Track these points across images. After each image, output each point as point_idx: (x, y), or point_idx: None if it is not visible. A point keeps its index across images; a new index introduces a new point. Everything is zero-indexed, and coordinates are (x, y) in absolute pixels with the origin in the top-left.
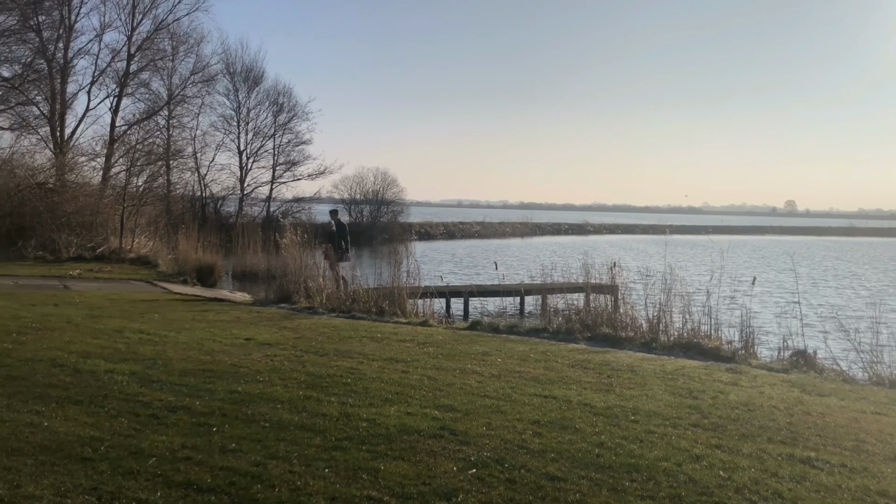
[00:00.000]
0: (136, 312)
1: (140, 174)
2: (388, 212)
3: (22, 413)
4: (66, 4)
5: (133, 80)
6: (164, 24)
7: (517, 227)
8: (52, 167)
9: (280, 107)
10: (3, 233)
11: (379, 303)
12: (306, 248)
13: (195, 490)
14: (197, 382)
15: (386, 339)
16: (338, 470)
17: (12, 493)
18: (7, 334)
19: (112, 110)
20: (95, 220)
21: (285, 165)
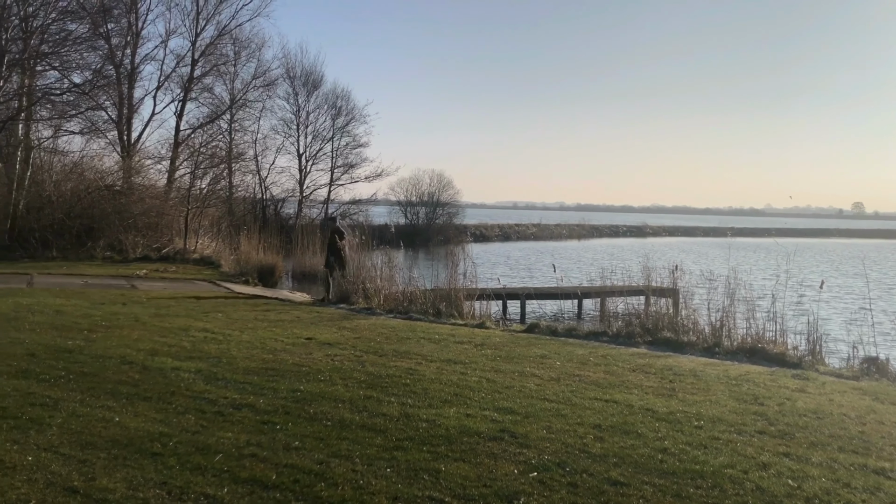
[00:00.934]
0: (201, 311)
1: (203, 177)
2: (444, 213)
3: (94, 408)
4: (134, 12)
5: (197, 84)
6: (226, 30)
7: (574, 229)
8: (120, 170)
9: (338, 110)
10: (73, 234)
11: (436, 304)
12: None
13: (260, 486)
14: (260, 381)
15: (443, 340)
16: (399, 470)
17: (88, 485)
18: (79, 332)
19: (177, 114)
20: (161, 222)
21: (343, 168)
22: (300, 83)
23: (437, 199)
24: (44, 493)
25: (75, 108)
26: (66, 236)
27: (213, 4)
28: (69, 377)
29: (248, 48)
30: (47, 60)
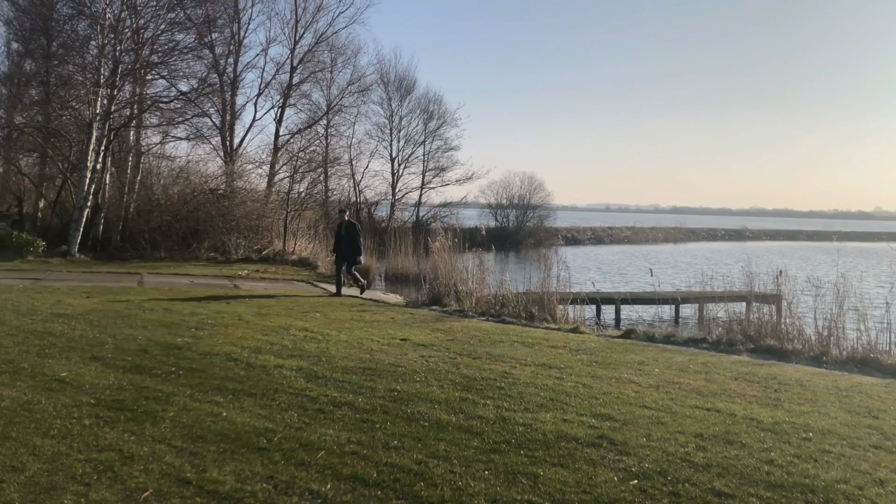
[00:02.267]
0: (300, 311)
1: (301, 180)
2: (535, 216)
3: (203, 403)
4: (237, 22)
5: (295, 91)
6: (324, 38)
7: (670, 233)
8: (223, 174)
9: (430, 114)
10: (180, 235)
11: (528, 308)
12: (456, 251)
13: (362, 484)
14: (358, 380)
15: (537, 344)
16: (497, 473)
17: (199, 477)
18: (187, 329)
19: (276, 120)
20: (261, 224)
21: (434, 171)
22: (394, 88)
23: (527, 201)
24: (159, 482)
25: (182, 116)
26: (173, 237)
27: (311, 13)
28: (179, 373)
29: (343, 55)
30: (156, 70)
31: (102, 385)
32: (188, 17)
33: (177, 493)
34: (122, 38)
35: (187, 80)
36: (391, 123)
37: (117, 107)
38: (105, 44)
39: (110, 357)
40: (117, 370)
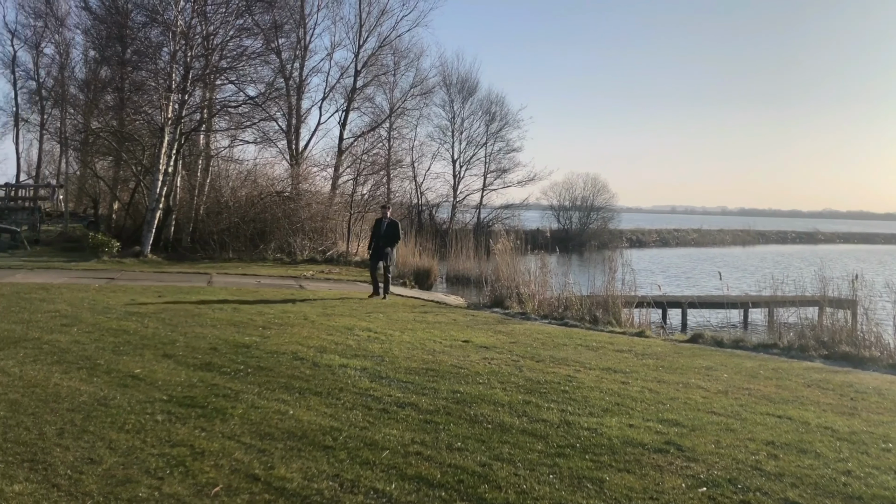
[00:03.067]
0: (364, 312)
1: (364, 183)
2: (598, 218)
3: (270, 401)
4: (303, 27)
5: (359, 94)
6: (387, 41)
7: (738, 235)
8: (289, 177)
9: (492, 116)
10: (247, 236)
11: (592, 311)
12: (518, 253)
13: (426, 484)
14: (421, 381)
15: (602, 348)
16: (562, 477)
17: (267, 474)
18: (255, 328)
19: (340, 123)
20: (325, 226)
21: (496, 173)
22: (456, 90)
23: (591, 203)
24: (229, 478)
25: (250, 120)
26: (241, 239)
27: (374, 17)
28: (247, 371)
29: (406, 58)
30: (225, 75)
31: (174, 382)
32: (256, 23)
33: (246, 488)
34: (192, 45)
35: (255, 85)
36: (453, 125)
37: (188, 111)
38: (176, 50)
39: (181, 355)
40: (188, 367)
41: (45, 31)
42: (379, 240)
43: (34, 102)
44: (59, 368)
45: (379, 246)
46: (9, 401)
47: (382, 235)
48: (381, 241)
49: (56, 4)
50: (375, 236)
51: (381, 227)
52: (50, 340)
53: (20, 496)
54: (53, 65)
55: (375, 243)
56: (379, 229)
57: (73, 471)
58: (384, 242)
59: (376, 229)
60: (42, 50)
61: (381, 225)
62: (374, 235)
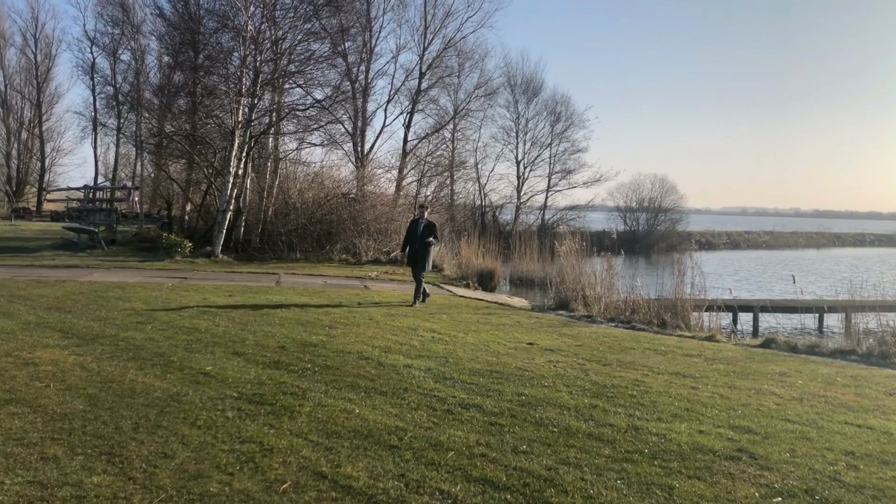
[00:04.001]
0: (427, 313)
1: (428, 184)
2: (666, 220)
3: (337, 400)
4: (368, 30)
5: (423, 96)
6: (451, 43)
7: (812, 238)
8: (354, 179)
9: (557, 116)
10: (314, 237)
11: (660, 314)
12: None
13: (492, 487)
14: (486, 382)
15: (670, 352)
16: (630, 483)
17: (334, 472)
18: (321, 328)
19: (405, 126)
20: (390, 227)
21: (561, 174)
22: (520, 91)
23: (658, 204)
24: (297, 475)
25: (317, 122)
26: (308, 240)
27: (439, 19)
28: (314, 369)
29: (471, 59)
30: (293, 79)
31: (244, 379)
32: (323, 27)
33: (313, 486)
34: (262, 49)
35: (322, 89)
36: (517, 126)
37: (257, 115)
38: (246, 55)
39: (251, 353)
40: (257, 365)
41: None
42: (415, 242)
43: (111, 107)
44: (134, 365)
45: (415, 249)
46: (87, 395)
47: (418, 237)
48: (416, 243)
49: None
50: (410, 238)
51: (416, 229)
52: (126, 338)
53: (98, 487)
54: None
55: (411, 246)
56: (415, 231)
57: (148, 464)
58: (420, 245)
59: (411, 230)
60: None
61: (418, 226)
62: (409, 237)
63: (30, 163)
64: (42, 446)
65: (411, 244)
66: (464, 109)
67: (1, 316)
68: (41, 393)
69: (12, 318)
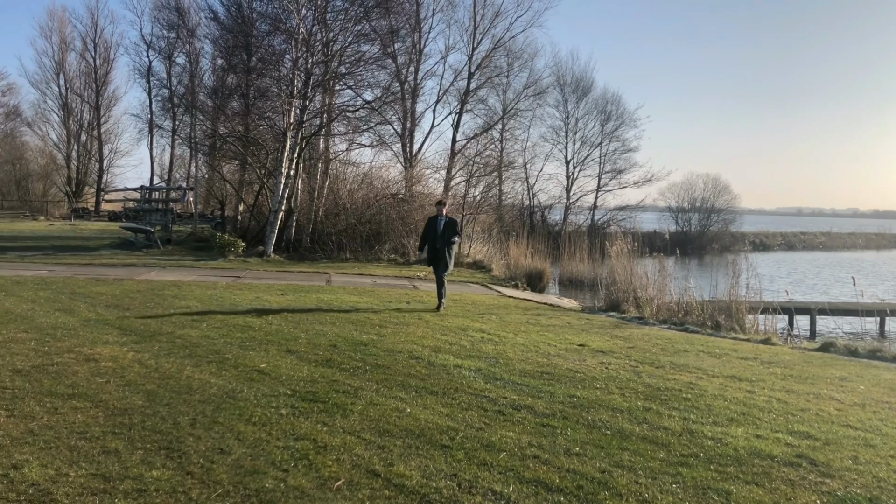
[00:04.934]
0: (476, 313)
1: (477, 185)
2: (719, 220)
3: (388, 398)
4: (418, 31)
5: (472, 97)
6: (501, 43)
7: (871, 239)
8: (403, 179)
9: (608, 115)
10: (363, 237)
11: (714, 316)
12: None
13: (545, 488)
14: (537, 384)
15: (725, 355)
16: (685, 487)
17: (387, 470)
18: (372, 327)
19: (453, 126)
20: None
21: (611, 173)
22: (570, 90)
23: (711, 204)
24: (350, 473)
25: (366, 123)
26: (357, 240)
27: (489, 19)
28: (366, 368)
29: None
30: (344, 81)
31: (297, 377)
32: (373, 28)
33: (367, 484)
34: (313, 52)
35: (371, 90)
36: (566, 126)
37: (308, 116)
38: (298, 57)
39: (303, 351)
40: (310, 363)
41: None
42: (435, 241)
43: (167, 109)
44: (190, 362)
45: (436, 249)
46: (146, 391)
47: (439, 236)
48: (437, 242)
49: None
50: (429, 237)
51: (436, 227)
52: (182, 335)
53: (158, 482)
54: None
55: (431, 245)
56: (434, 229)
57: (205, 460)
58: (443, 244)
59: (430, 229)
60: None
61: (437, 224)
62: (427, 236)
63: (89, 164)
64: (104, 440)
65: (431, 244)
66: (513, 109)
67: (63, 313)
68: (102, 388)
69: (73, 314)
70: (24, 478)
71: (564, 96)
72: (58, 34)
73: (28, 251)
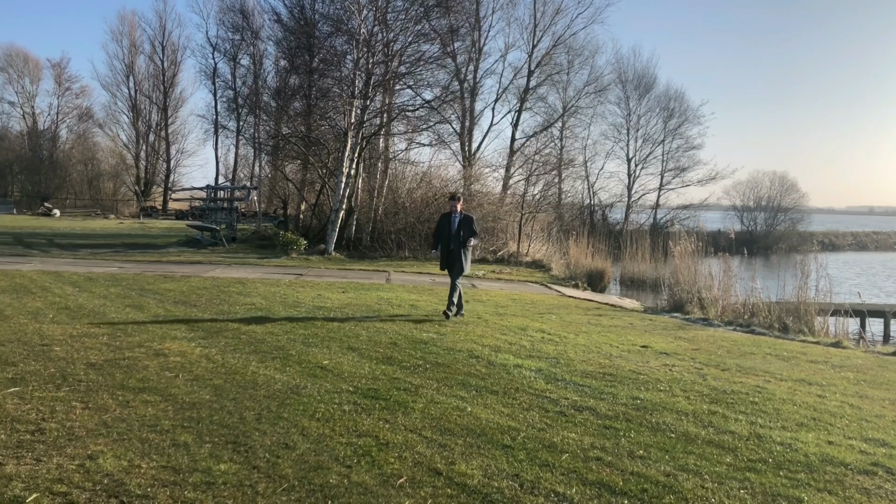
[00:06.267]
0: (536, 313)
1: (536, 183)
2: (786, 219)
3: (448, 397)
4: (477, 30)
5: (532, 94)
6: (561, 40)
7: None
8: (461, 178)
9: (670, 112)
10: (422, 236)
11: (782, 318)
12: (699, 256)
13: (608, 491)
14: (598, 385)
15: (793, 358)
16: (754, 493)
17: (448, 469)
18: (431, 325)
19: (513, 124)
20: (497, 226)
21: (674, 171)
22: (632, 87)
23: (778, 203)
24: (412, 471)
25: (426, 123)
26: (416, 238)
27: (549, 16)
28: (425, 366)
29: (581, 56)
30: (404, 80)
31: (358, 374)
32: (433, 28)
33: (429, 482)
34: (374, 52)
35: (431, 89)
36: (628, 123)
37: (369, 116)
38: (359, 57)
39: (364, 348)
40: (371, 361)
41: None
42: (449, 241)
43: (231, 110)
44: (255, 357)
45: (450, 249)
46: (213, 386)
47: (453, 235)
48: (452, 242)
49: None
50: (443, 236)
51: (450, 225)
52: (247, 331)
53: (225, 475)
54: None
55: (444, 246)
56: (448, 227)
57: (271, 454)
58: (457, 245)
59: (443, 227)
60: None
61: (451, 221)
62: (440, 235)
63: (156, 164)
64: (173, 433)
65: (444, 244)
66: (573, 107)
67: (133, 309)
68: (171, 382)
69: (143, 310)
70: (100, 468)
71: (626, 93)
72: (128, 38)
73: (100, 248)
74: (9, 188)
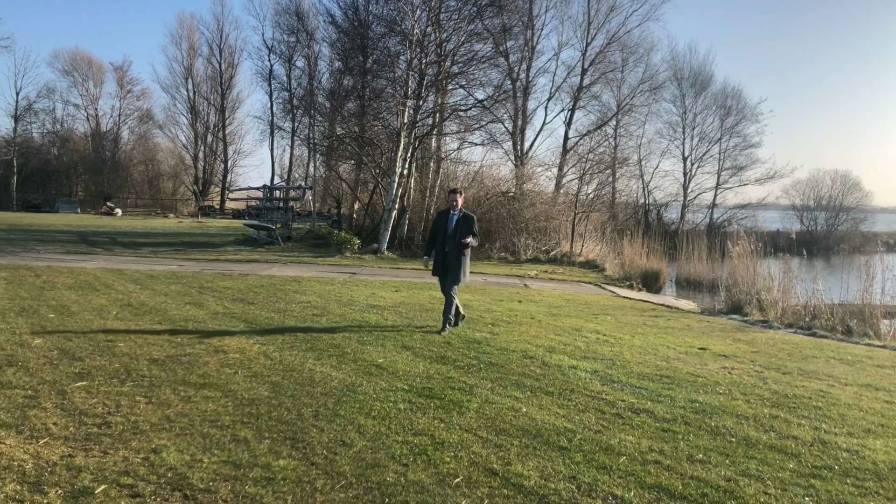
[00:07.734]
0: (590, 313)
1: (589, 182)
2: (848, 219)
3: (503, 397)
4: (530, 28)
5: (585, 93)
6: (615, 38)
7: None
8: (514, 177)
9: (727, 110)
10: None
11: (845, 321)
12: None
13: (667, 495)
14: (656, 387)
15: (858, 362)
16: (819, 500)
17: (505, 469)
18: (484, 325)
19: (566, 123)
20: (549, 226)
21: (731, 170)
22: (687, 85)
23: (839, 203)
24: (468, 470)
25: (478, 122)
26: None
27: (603, 14)
28: (479, 366)
29: (635, 53)
30: (456, 80)
31: (413, 373)
32: (486, 27)
33: (485, 482)
34: (427, 52)
35: (483, 88)
36: (684, 121)
37: (421, 116)
38: (412, 58)
39: (418, 347)
40: (425, 360)
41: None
42: (445, 242)
43: (287, 111)
44: (312, 355)
45: (444, 252)
46: (271, 383)
47: (449, 236)
48: (447, 244)
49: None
50: (437, 238)
51: (447, 224)
52: (303, 329)
53: (284, 471)
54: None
55: (438, 248)
56: (444, 226)
57: (328, 451)
58: (452, 247)
59: (439, 226)
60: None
61: (449, 220)
62: (436, 234)
63: (214, 164)
64: (233, 429)
65: (440, 247)
66: (627, 105)
67: (193, 306)
68: (231, 379)
69: (202, 307)
70: (163, 461)
71: (682, 91)
72: (187, 41)
73: (160, 247)
74: (73, 188)
